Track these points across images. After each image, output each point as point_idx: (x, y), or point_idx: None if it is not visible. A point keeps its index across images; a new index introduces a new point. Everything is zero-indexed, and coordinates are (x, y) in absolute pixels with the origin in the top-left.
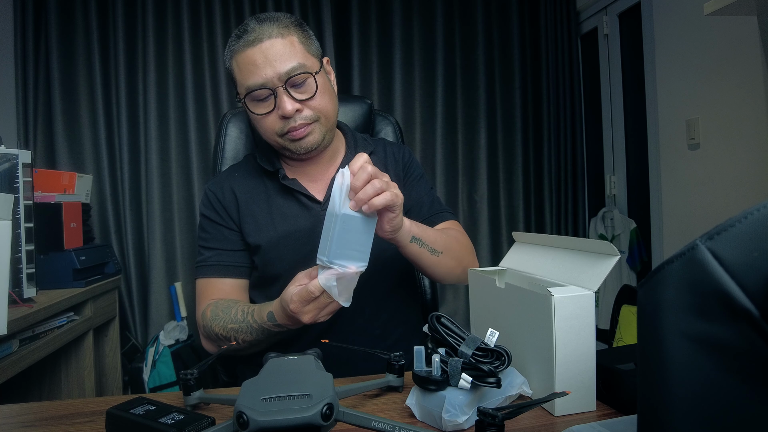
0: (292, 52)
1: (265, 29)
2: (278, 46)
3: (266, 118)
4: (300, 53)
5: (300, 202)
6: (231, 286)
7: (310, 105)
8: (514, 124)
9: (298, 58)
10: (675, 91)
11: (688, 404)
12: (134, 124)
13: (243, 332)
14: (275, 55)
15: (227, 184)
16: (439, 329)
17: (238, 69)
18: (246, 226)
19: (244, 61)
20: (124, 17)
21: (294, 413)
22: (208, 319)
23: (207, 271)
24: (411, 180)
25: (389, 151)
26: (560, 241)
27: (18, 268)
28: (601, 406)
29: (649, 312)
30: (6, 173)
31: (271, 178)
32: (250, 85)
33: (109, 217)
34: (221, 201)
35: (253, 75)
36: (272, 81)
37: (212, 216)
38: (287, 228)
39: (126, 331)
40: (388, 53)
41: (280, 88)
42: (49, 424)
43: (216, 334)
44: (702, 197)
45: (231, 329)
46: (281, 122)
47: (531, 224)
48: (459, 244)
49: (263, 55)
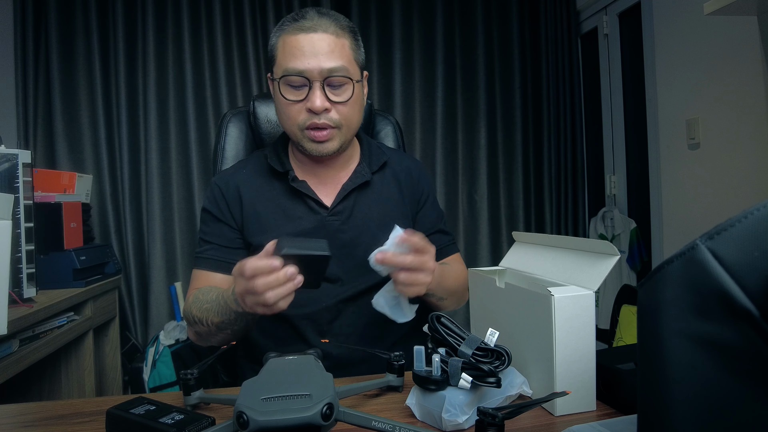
0: (340, 52)
1: (323, 23)
2: (329, 42)
3: (293, 105)
4: (347, 57)
5: (307, 205)
6: (222, 281)
7: (339, 109)
8: (514, 124)
9: (343, 60)
10: (675, 91)
11: (688, 404)
12: (134, 124)
13: (212, 312)
14: (323, 50)
15: (233, 181)
16: (439, 329)
17: (283, 49)
18: (249, 225)
19: (291, 44)
20: (124, 17)
21: (294, 413)
22: (189, 302)
23: (202, 263)
24: (424, 206)
25: (404, 165)
26: (560, 241)
27: (18, 268)
28: (601, 406)
29: (650, 312)
30: (6, 173)
31: (280, 179)
32: (290, 68)
33: (109, 217)
34: (225, 198)
35: (296, 59)
36: (312, 72)
37: (214, 211)
38: (291, 230)
39: (126, 331)
40: (388, 53)
41: (317, 82)
42: (49, 424)
43: (193, 317)
44: (702, 197)
45: (205, 309)
46: (306, 114)
47: (531, 224)
48: (459, 285)
49: (312, 45)
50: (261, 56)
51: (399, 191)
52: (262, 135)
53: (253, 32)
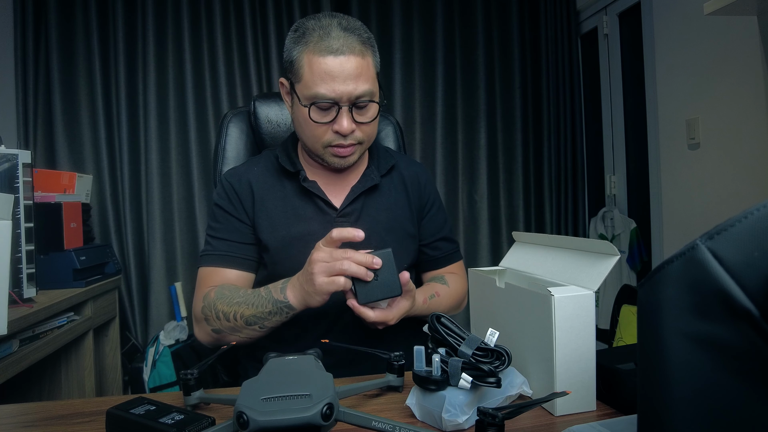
0: (366, 74)
1: (349, 42)
2: (356, 65)
3: (320, 127)
4: (371, 78)
5: (317, 205)
6: (236, 277)
7: (363, 129)
8: (514, 124)
9: (369, 83)
10: (675, 91)
11: (688, 404)
12: (134, 124)
13: (245, 305)
14: (351, 74)
15: (245, 177)
16: (439, 329)
17: (310, 70)
18: (260, 222)
19: (320, 68)
20: (124, 17)
21: (294, 413)
22: (212, 298)
23: (213, 260)
24: (429, 212)
25: (412, 171)
26: (560, 240)
27: (18, 268)
28: (601, 406)
29: (650, 312)
30: (6, 173)
31: (291, 179)
32: (320, 94)
33: (109, 217)
34: (237, 193)
35: (326, 85)
36: (341, 98)
37: (226, 206)
38: (301, 229)
39: (126, 331)
40: (388, 53)
41: (345, 107)
42: (49, 424)
43: (217, 312)
44: (702, 197)
45: (236, 303)
46: (332, 135)
47: (531, 224)
48: (453, 304)
49: (341, 69)
50: (261, 56)
51: (406, 196)
52: (263, 135)
53: (253, 32)
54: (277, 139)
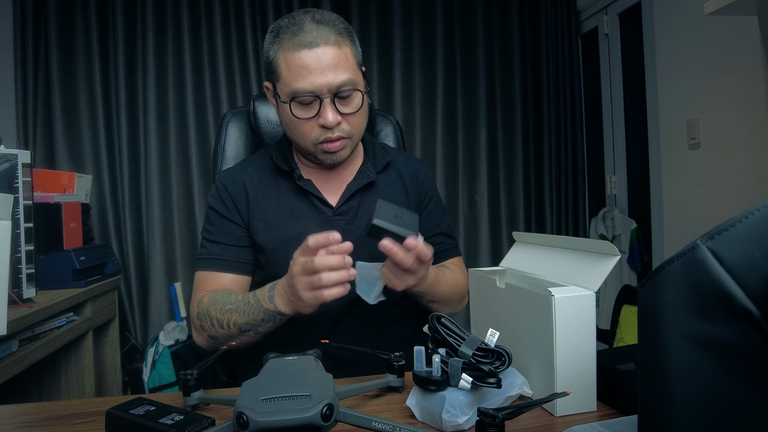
0: (345, 64)
1: (322, 33)
2: (333, 55)
3: (305, 123)
4: (351, 66)
5: (313, 204)
6: (232, 281)
7: (350, 120)
8: (514, 124)
9: (349, 72)
10: (675, 91)
11: (689, 404)
12: (134, 124)
13: (237, 313)
14: (329, 64)
15: (239, 178)
16: (440, 329)
17: (287, 67)
18: (255, 223)
19: (296, 63)
20: (123, 17)
21: (294, 413)
22: (205, 304)
23: (208, 264)
24: (428, 207)
25: (410, 166)
26: (560, 241)
27: (18, 268)
28: (601, 407)
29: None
30: (6, 173)
31: (286, 178)
32: (298, 89)
33: (108, 217)
34: (231, 195)
35: (304, 79)
36: (321, 90)
37: (220, 209)
38: (297, 229)
39: (126, 331)
40: (388, 53)
41: (327, 99)
42: (49, 424)
43: (212, 319)
44: (702, 197)
45: (228, 310)
46: (319, 130)
47: (531, 224)
48: (455, 292)
49: (317, 61)
50: (261, 56)
51: (404, 192)
52: (263, 135)
53: (253, 32)
54: (276, 139)
